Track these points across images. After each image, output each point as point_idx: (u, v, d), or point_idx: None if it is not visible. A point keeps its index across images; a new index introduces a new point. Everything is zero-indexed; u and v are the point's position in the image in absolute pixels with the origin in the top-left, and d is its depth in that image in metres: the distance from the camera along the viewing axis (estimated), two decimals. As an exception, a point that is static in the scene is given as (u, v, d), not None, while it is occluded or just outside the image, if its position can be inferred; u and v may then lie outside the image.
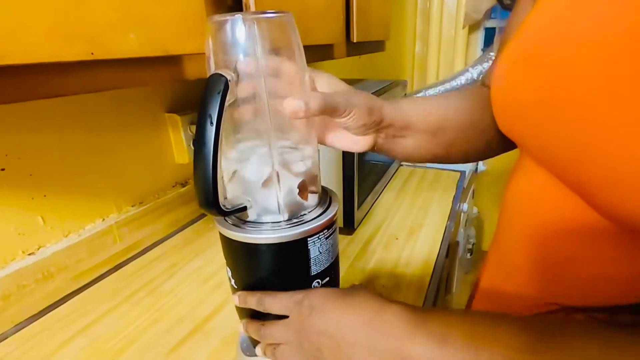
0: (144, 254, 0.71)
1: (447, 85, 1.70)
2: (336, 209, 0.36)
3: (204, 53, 0.33)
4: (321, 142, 0.37)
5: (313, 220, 0.33)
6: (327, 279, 0.36)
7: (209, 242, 0.75)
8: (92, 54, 0.26)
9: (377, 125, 0.35)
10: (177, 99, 0.76)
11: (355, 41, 0.74)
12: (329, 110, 0.31)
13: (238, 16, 0.28)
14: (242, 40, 0.28)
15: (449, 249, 1.00)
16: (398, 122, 0.36)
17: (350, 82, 1.03)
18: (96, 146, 0.62)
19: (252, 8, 0.38)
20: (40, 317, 0.55)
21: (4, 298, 0.51)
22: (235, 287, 0.36)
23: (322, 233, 0.34)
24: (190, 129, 0.76)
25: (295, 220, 0.33)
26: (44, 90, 0.26)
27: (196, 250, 0.72)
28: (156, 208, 0.73)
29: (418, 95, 1.77)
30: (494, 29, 1.67)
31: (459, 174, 1.07)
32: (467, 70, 1.70)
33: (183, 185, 0.81)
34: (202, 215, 0.84)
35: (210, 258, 0.69)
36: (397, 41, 1.84)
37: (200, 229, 0.80)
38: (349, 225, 0.76)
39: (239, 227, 0.33)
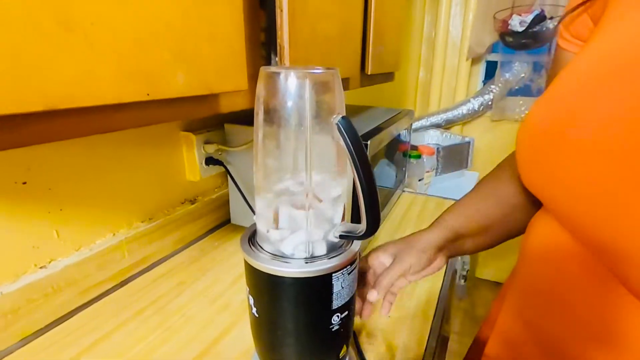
0: (151, 269, 0.71)
1: (449, 114, 1.75)
2: (359, 245, 0.37)
3: (240, 91, 0.35)
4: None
5: (338, 257, 0.35)
6: (346, 312, 0.37)
7: (215, 260, 0.75)
8: (148, 94, 0.28)
9: (437, 254, 0.45)
10: (201, 118, 0.77)
11: (369, 74, 0.77)
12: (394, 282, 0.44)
13: (291, 71, 0.30)
14: (293, 90, 0.31)
15: (452, 279, 1.01)
16: (451, 238, 0.45)
17: (358, 108, 1.05)
18: (112, 162, 0.64)
19: (287, 50, 0.41)
20: (46, 332, 0.55)
21: (13, 311, 0.51)
22: (257, 315, 0.37)
23: (345, 269, 0.35)
24: (204, 148, 0.78)
25: (320, 255, 0.35)
26: (99, 127, 0.27)
27: (202, 268, 0.72)
28: (165, 224, 0.74)
29: (420, 124, 1.81)
30: (495, 62, 1.73)
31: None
32: (469, 101, 1.75)
33: (192, 202, 0.82)
34: (208, 233, 0.85)
35: (216, 277, 0.69)
36: (402, 67, 1.89)
37: (206, 246, 0.80)
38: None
39: (266, 258, 0.35)
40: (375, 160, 0.90)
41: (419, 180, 1.29)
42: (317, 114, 0.32)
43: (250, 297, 0.37)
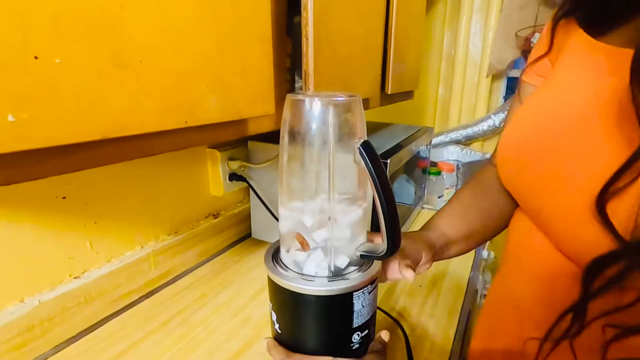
0: (175, 281, 0.73)
1: (469, 130, 1.74)
2: (379, 264, 0.38)
3: (267, 115, 0.37)
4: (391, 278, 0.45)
5: (359, 276, 0.36)
6: (366, 331, 0.38)
7: (236, 274, 0.77)
8: (186, 122, 0.30)
9: (432, 253, 0.47)
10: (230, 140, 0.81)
11: (389, 93, 0.78)
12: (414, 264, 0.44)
13: (315, 98, 0.32)
14: (317, 116, 0.33)
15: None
16: (441, 243, 0.48)
17: (377, 125, 1.06)
18: (142, 178, 0.67)
19: (311, 76, 0.43)
20: (78, 340, 0.57)
21: (49, 319, 0.54)
22: (279, 331, 0.38)
23: (366, 288, 0.36)
24: (228, 165, 0.81)
25: (342, 274, 0.36)
26: (142, 151, 0.30)
27: (224, 282, 0.74)
28: (190, 238, 0.77)
29: (440, 142, 1.81)
30: (517, 78, 1.72)
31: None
32: (490, 117, 1.73)
33: (215, 216, 0.85)
34: (230, 247, 0.87)
35: (237, 291, 0.71)
36: (421, 84, 1.91)
37: (227, 260, 0.83)
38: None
39: (290, 276, 0.36)
40: (394, 177, 0.91)
41: (439, 197, 1.28)
42: (339, 138, 0.34)
43: (273, 312, 0.39)
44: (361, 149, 0.33)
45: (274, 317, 0.39)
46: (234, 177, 0.83)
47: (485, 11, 1.67)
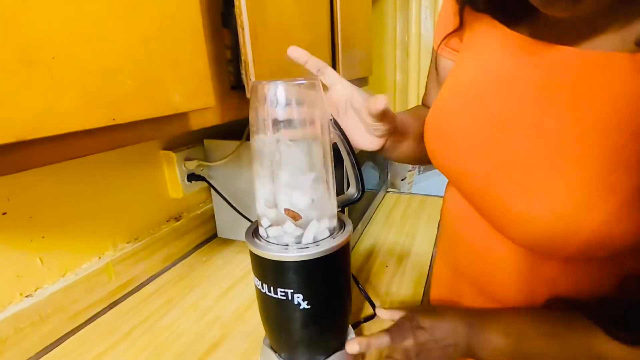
0: (139, 290, 0.71)
1: (428, 113, 1.78)
2: (350, 227, 0.42)
3: (207, 108, 0.36)
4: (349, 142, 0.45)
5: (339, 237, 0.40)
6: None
7: (203, 275, 0.76)
8: (114, 119, 0.29)
9: (394, 130, 0.45)
10: (172, 136, 0.79)
11: (341, 81, 0.79)
12: (387, 116, 0.42)
13: (280, 82, 0.36)
14: (282, 99, 0.36)
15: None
16: (401, 128, 0.46)
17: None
18: (93, 185, 0.64)
19: (251, 66, 0.43)
20: (36, 360, 0.55)
21: (1, 342, 0.51)
22: (308, 307, 0.40)
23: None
24: (185, 165, 0.79)
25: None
26: (70, 153, 0.29)
27: (190, 284, 0.73)
28: (151, 243, 0.75)
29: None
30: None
31: (441, 199, 1.12)
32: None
33: (177, 219, 0.83)
34: (195, 249, 0.86)
35: (204, 292, 0.70)
36: (379, 71, 1.94)
37: (194, 262, 0.81)
38: (340, 254, 0.79)
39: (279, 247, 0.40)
40: (361, 164, 0.92)
41: (402, 179, 1.31)
42: (302, 119, 0.38)
43: (299, 295, 0.39)
44: (333, 123, 0.42)
45: (299, 299, 0.39)
46: (193, 177, 0.81)
47: (434, -4, 1.72)
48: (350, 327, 0.49)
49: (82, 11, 0.26)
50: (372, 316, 0.60)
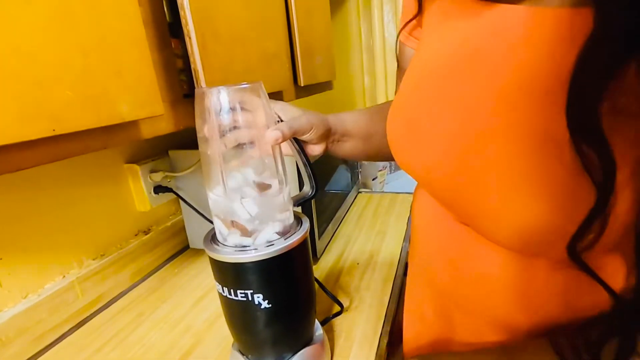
0: (109, 306, 0.70)
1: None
2: (307, 225, 0.43)
3: (157, 116, 0.37)
4: (289, 155, 0.47)
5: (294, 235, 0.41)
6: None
7: (175, 287, 0.75)
8: (54, 130, 0.29)
9: (328, 134, 0.46)
10: (136, 149, 0.78)
11: (302, 85, 0.81)
12: (298, 132, 0.43)
13: (222, 87, 0.36)
14: (226, 104, 0.37)
15: (405, 267, 1.06)
16: (340, 130, 0.48)
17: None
18: (53, 201, 0.63)
19: (201, 74, 0.44)
20: (-1, 386, 0.53)
21: (-41, 370, 0.50)
22: (269, 306, 0.41)
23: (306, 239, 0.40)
24: (150, 177, 0.78)
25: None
26: (9, 166, 0.29)
27: (162, 297, 0.72)
28: (119, 259, 0.74)
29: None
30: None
31: (411, 196, 1.15)
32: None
33: (146, 232, 0.82)
34: (167, 261, 0.85)
35: (177, 303, 0.70)
36: (347, 75, 1.98)
37: (165, 275, 0.80)
38: (312, 255, 0.80)
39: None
40: (334, 167, 0.95)
41: (373, 179, 1.34)
42: (247, 123, 0.40)
43: (259, 295, 0.40)
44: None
45: (259, 299, 0.40)
46: (160, 189, 0.81)
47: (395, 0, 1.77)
48: (317, 322, 0.50)
49: (16, 23, 0.27)
50: (340, 312, 0.61)
